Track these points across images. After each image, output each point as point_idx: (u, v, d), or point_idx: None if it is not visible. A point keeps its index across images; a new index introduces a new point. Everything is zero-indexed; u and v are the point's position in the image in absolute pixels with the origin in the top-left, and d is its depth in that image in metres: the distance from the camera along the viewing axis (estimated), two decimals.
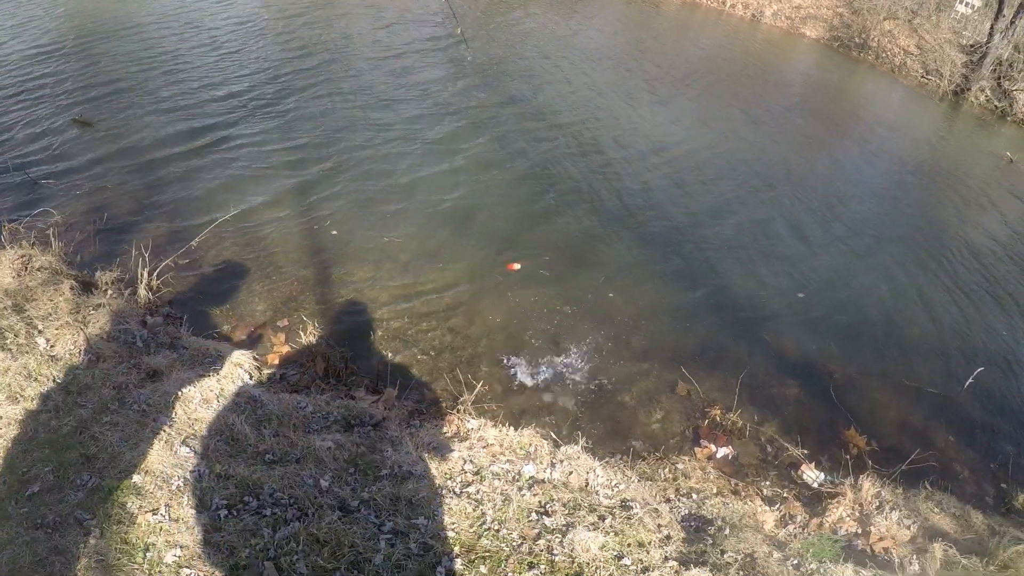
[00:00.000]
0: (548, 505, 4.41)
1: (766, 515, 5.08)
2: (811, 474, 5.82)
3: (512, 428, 5.28)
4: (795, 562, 4.38)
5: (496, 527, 4.13)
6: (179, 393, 4.74)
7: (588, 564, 3.92)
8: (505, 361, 6.50)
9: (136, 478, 3.92)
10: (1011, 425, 7.25)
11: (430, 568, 3.72)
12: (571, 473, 4.84)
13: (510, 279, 7.63)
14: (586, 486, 4.78)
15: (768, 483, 5.69)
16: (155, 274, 6.35)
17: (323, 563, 3.58)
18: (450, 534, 4.00)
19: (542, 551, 3.98)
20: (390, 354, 6.37)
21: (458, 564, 3.81)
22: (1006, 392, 7.73)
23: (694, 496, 5.11)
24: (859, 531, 5.06)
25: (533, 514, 4.30)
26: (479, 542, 3.99)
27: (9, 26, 12.77)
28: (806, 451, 6.09)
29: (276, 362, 5.95)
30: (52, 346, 4.86)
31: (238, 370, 5.31)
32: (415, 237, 8.04)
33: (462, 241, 8.09)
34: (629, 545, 4.15)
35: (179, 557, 3.53)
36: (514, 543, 4.02)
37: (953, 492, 5.83)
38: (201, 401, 4.76)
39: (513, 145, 10.75)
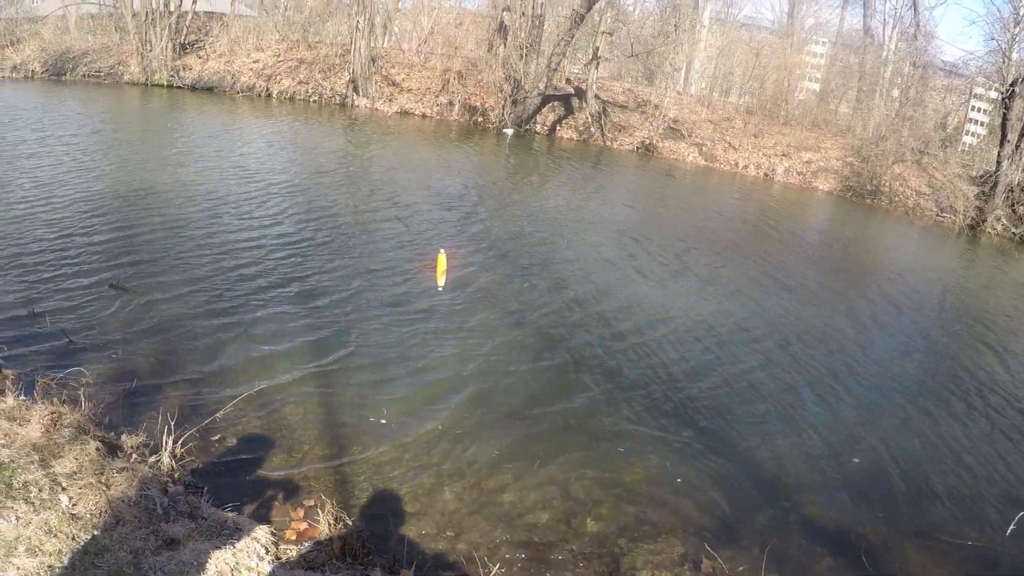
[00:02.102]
0: None
1: None
2: None
3: None
4: None
5: None
6: (195, 563, 4.61)
7: None
8: (523, 542, 6.33)
9: None
10: None
11: None
12: None
13: (530, 460, 7.51)
14: None
15: None
16: (179, 442, 6.31)
17: None
18: None
19: None
20: (408, 534, 6.21)
21: None
22: None
23: None
24: None
25: None
26: None
27: (59, 196, 13.53)
28: None
29: (293, 538, 5.81)
30: (74, 504, 4.80)
31: (254, 544, 5.19)
32: (437, 419, 8.00)
33: (486, 422, 8.04)
34: None
35: None
36: None
37: None
38: (215, 573, 4.63)
39: (535, 324, 10.88)
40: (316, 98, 35.64)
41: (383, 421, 7.80)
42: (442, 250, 7.41)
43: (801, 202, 27.40)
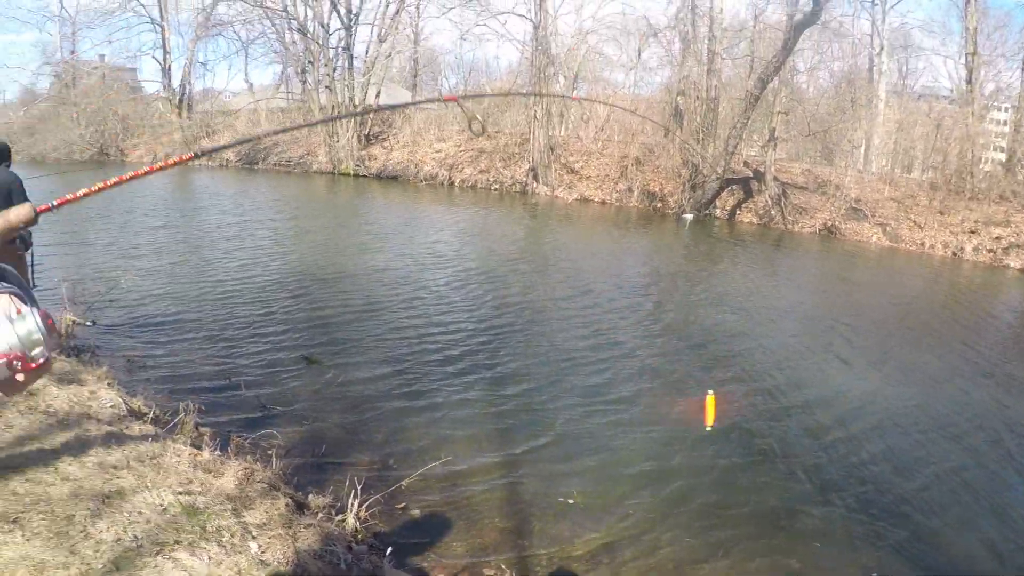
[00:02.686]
0: None
1: None
2: None
3: None
4: None
5: None
6: None
7: None
8: None
9: None
10: None
11: None
12: None
13: (722, 554, 7.01)
14: None
15: None
16: (364, 506, 6.35)
17: None
18: None
19: None
20: None
21: None
22: None
23: None
24: None
25: None
26: None
27: (260, 277, 14.43)
28: None
29: None
30: (263, 552, 4.88)
31: None
32: (627, 506, 7.53)
33: (678, 515, 7.49)
34: None
35: None
36: None
37: None
38: None
39: (733, 416, 10.26)
40: (497, 186, 36.95)
41: (571, 501, 7.50)
42: (711, 392, 7.14)
43: (994, 282, 25.40)
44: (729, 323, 15.17)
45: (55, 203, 2.08)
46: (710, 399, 6.91)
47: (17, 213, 1.90)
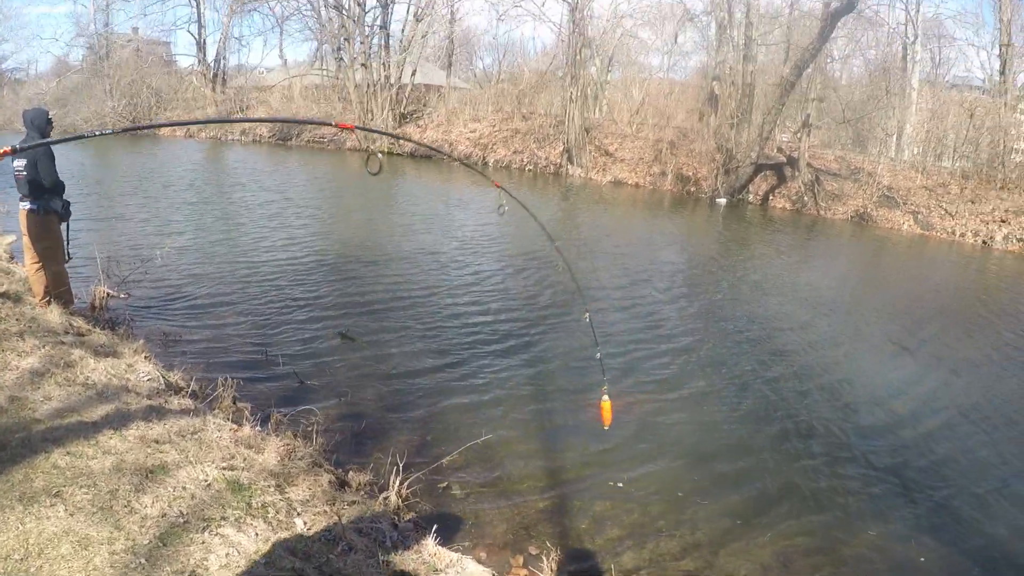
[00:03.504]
0: None
1: None
2: None
3: None
4: None
5: None
6: None
7: None
8: None
9: None
10: None
11: None
12: None
13: (752, 526, 6.88)
14: None
15: None
16: (405, 484, 6.27)
17: None
18: None
19: None
20: None
21: None
22: None
23: None
24: None
25: None
26: None
27: (298, 254, 14.49)
28: None
29: None
30: (309, 528, 4.79)
31: None
32: (662, 482, 7.47)
33: (708, 487, 7.41)
34: None
35: None
36: None
37: None
38: None
39: (767, 396, 10.12)
40: (531, 167, 36.99)
41: (619, 485, 7.37)
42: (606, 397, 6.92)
43: (1022, 271, 25.03)
44: (766, 308, 14.92)
45: None
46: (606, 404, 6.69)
47: None
